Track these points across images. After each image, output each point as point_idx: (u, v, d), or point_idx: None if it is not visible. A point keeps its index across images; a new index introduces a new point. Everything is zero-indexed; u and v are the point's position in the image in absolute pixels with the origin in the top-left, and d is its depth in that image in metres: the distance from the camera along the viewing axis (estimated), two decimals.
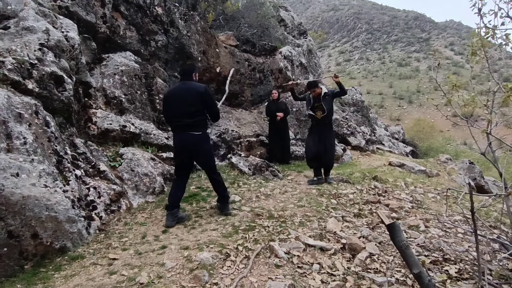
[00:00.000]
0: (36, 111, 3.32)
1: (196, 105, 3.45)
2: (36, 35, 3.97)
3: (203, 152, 3.59)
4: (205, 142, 3.60)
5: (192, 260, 2.47)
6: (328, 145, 5.22)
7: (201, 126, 3.51)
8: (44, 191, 2.70)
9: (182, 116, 3.43)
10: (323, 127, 5.24)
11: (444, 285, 2.32)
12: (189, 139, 3.47)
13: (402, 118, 57.19)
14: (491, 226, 3.57)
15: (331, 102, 5.22)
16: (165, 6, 6.61)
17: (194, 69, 3.75)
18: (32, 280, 2.29)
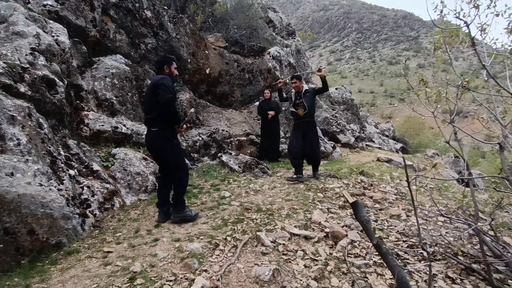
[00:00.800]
0: (29, 114, 3.42)
1: (152, 99, 3.26)
2: (27, 40, 4.07)
3: (160, 149, 3.39)
4: (163, 138, 3.35)
5: (183, 250, 2.62)
6: (313, 142, 5.23)
7: (158, 123, 3.31)
8: (39, 189, 2.81)
9: (144, 113, 3.38)
10: (306, 125, 5.22)
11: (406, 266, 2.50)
12: (148, 134, 3.43)
13: (393, 115, 57.91)
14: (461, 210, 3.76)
15: (312, 99, 5.21)
16: (154, 9, 6.73)
17: (165, 62, 3.50)
18: (29, 274, 2.40)
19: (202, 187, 4.56)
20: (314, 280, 2.32)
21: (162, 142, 3.36)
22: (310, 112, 5.17)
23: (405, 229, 3.34)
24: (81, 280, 2.25)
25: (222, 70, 7.80)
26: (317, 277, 2.35)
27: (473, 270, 2.43)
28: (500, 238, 2.67)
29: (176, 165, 3.45)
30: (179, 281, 2.18)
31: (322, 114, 10.75)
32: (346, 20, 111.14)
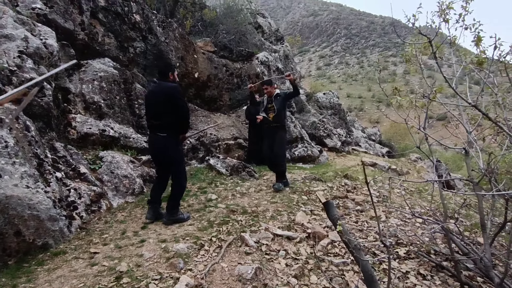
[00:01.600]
0: (16, 117, 3.44)
1: (163, 106, 3.38)
2: (15, 43, 4.09)
3: (166, 154, 3.50)
4: (170, 144, 3.46)
5: (169, 250, 2.70)
6: (277, 149, 4.93)
7: (167, 128, 3.43)
8: (26, 191, 2.85)
9: (152, 117, 3.49)
10: (274, 130, 4.99)
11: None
12: (155, 139, 3.50)
13: (381, 120, 58.98)
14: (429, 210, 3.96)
15: (282, 103, 5.02)
16: (143, 13, 6.79)
17: (168, 69, 3.64)
18: (15, 274, 2.44)
19: (189, 190, 4.63)
20: (294, 277, 2.43)
21: (170, 148, 3.46)
22: (279, 115, 4.96)
23: (383, 230, 3.50)
24: (68, 280, 2.31)
25: (210, 74, 7.90)
26: (297, 275, 2.47)
27: (443, 267, 2.59)
28: (469, 237, 2.84)
29: (179, 171, 3.59)
30: (165, 280, 2.27)
31: (310, 119, 10.95)
32: (335, 25, 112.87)
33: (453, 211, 3.36)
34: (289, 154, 8.42)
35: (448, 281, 2.46)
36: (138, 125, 5.86)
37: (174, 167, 3.57)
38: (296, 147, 8.68)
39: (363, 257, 1.66)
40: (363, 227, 3.55)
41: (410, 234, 3.45)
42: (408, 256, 2.84)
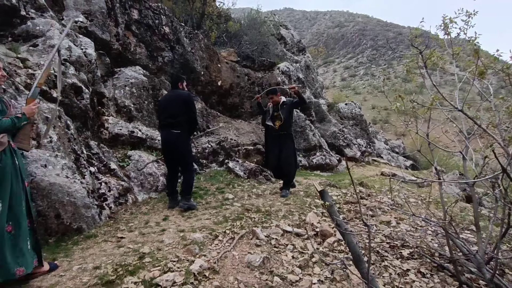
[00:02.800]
0: (59, 116, 3.91)
1: (179, 108, 4.07)
2: (60, 52, 4.61)
3: (177, 148, 4.09)
4: (182, 140, 4.10)
5: (186, 238, 2.98)
6: (287, 157, 4.96)
7: (181, 126, 4.07)
8: (66, 180, 3.25)
9: (167, 117, 4.12)
10: (283, 139, 4.99)
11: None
12: (168, 135, 4.10)
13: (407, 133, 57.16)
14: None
15: (289, 111, 5.03)
16: (172, 25, 7.31)
17: (179, 79, 4.45)
18: (55, 251, 2.81)
19: (208, 189, 4.93)
20: (298, 268, 2.63)
21: (182, 142, 4.12)
22: (286, 124, 4.96)
23: (391, 233, 3.60)
24: (99, 257, 2.64)
25: (233, 82, 8.28)
26: (302, 265, 2.66)
27: (443, 268, 2.69)
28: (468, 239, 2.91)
29: (189, 162, 4.26)
30: (181, 261, 2.54)
31: (330, 129, 11.05)
32: (361, 37, 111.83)
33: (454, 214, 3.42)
34: (307, 161, 8.58)
35: (447, 280, 2.56)
36: None
37: (184, 158, 4.16)
38: (314, 155, 8.82)
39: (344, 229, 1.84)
40: (371, 230, 3.67)
41: (418, 239, 3.53)
42: (411, 257, 2.95)
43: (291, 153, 5.05)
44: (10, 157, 2.28)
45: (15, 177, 2.28)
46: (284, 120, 4.94)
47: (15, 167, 2.30)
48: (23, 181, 2.37)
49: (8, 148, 2.28)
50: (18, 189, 2.28)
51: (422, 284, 2.47)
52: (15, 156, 2.34)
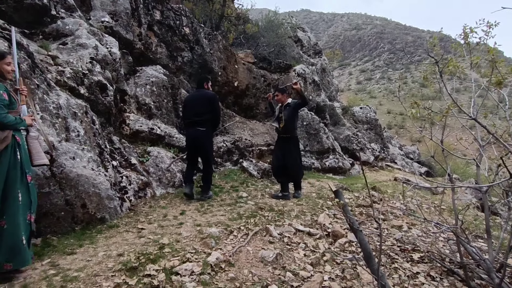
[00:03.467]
0: (86, 111, 4.13)
1: (205, 107, 4.41)
2: (88, 50, 4.85)
3: (203, 145, 4.44)
4: (207, 137, 4.48)
5: (203, 232, 3.12)
6: (290, 160, 4.87)
7: (206, 124, 4.42)
8: (91, 172, 3.45)
9: (193, 116, 4.42)
10: (286, 141, 4.93)
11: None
12: (195, 132, 4.43)
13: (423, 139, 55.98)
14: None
15: (292, 113, 4.89)
16: (192, 26, 7.51)
17: (205, 80, 4.80)
18: (81, 238, 3.00)
19: (222, 187, 5.07)
20: (310, 265, 2.72)
21: (207, 139, 4.50)
22: (288, 126, 4.86)
23: (402, 237, 3.65)
24: (121, 246, 2.81)
25: (249, 83, 8.41)
26: (314, 263, 2.76)
27: (453, 272, 2.73)
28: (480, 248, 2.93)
29: (211, 157, 4.67)
30: (199, 253, 2.67)
31: (344, 132, 11.05)
32: (379, 40, 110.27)
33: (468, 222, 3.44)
34: (320, 164, 8.62)
35: (456, 284, 2.60)
36: (181, 126, 6.46)
37: (207, 153, 4.53)
38: (327, 158, 8.86)
39: (362, 234, 1.93)
40: (383, 233, 3.72)
41: (429, 244, 3.56)
42: (421, 261, 3.00)
43: (294, 156, 4.92)
44: (10, 151, 2.34)
45: (13, 171, 2.33)
46: (285, 122, 4.82)
47: (15, 161, 2.36)
48: (25, 174, 2.42)
49: (10, 143, 2.34)
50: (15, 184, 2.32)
51: (431, 287, 2.53)
52: (18, 150, 2.40)
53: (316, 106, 9.97)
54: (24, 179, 2.41)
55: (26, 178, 2.42)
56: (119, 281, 2.19)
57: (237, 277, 2.42)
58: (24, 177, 2.41)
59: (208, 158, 4.54)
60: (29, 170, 2.47)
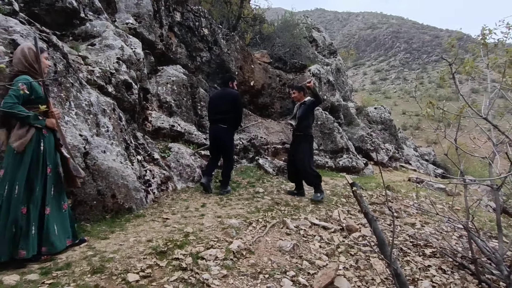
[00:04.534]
0: (113, 109, 4.39)
1: (228, 105, 4.63)
2: (114, 51, 5.13)
3: (224, 141, 4.69)
4: (228, 134, 4.70)
5: (224, 223, 3.32)
6: (298, 158, 4.78)
7: (228, 122, 4.64)
8: (120, 165, 3.70)
9: (216, 113, 4.66)
10: (298, 139, 4.88)
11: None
12: (217, 129, 4.68)
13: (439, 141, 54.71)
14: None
15: (306, 110, 4.78)
16: (210, 27, 7.73)
17: (230, 79, 5.04)
18: (111, 225, 3.24)
19: (239, 183, 5.27)
20: (325, 255, 2.88)
21: (228, 136, 4.73)
22: (301, 124, 4.79)
23: (415, 233, 3.75)
24: (149, 233, 3.03)
25: (265, 83, 8.59)
26: (329, 254, 2.91)
27: (464, 267, 2.84)
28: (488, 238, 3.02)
29: (232, 154, 4.91)
30: (221, 242, 2.87)
31: (358, 132, 11.09)
32: (395, 39, 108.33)
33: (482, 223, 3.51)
34: (334, 163, 8.72)
35: (467, 277, 2.71)
36: (199, 124, 6.70)
37: (228, 150, 4.77)
38: (341, 157, 8.94)
39: (377, 225, 2.07)
40: (396, 230, 3.83)
41: (441, 241, 3.65)
42: (433, 255, 3.10)
43: (302, 158, 4.75)
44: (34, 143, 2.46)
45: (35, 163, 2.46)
46: (298, 119, 4.79)
47: (38, 153, 2.48)
48: (46, 166, 2.52)
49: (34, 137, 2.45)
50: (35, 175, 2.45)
51: (442, 279, 2.64)
52: (43, 142, 2.52)
53: (330, 106, 10.06)
54: (44, 170, 2.52)
55: (46, 169, 2.53)
56: (150, 262, 2.41)
57: (257, 263, 2.60)
58: (44, 168, 2.53)
59: (228, 154, 4.78)
60: (50, 163, 2.59)
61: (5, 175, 2.38)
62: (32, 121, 2.47)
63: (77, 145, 3.29)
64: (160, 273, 2.28)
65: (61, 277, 2.13)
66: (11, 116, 2.39)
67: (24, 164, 2.42)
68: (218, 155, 4.88)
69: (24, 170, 2.42)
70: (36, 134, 2.50)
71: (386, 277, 2.58)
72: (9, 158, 2.39)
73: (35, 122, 2.48)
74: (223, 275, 2.34)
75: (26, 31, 3.45)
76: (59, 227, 2.60)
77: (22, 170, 2.40)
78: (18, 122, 2.43)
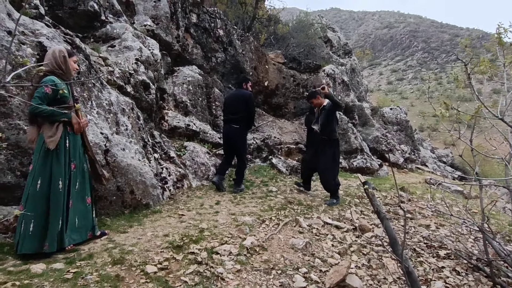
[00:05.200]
0: (132, 108, 4.54)
1: (241, 106, 4.72)
2: (133, 52, 5.29)
3: (236, 141, 4.77)
4: (240, 134, 4.77)
5: (238, 220, 3.39)
6: (322, 164, 4.69)
7: (241, 122, 4.73)
8: (138, 163, 3.83)
9: (229, 113, 4.78)
10: (322, 144, 4.73)
11: None
12: (229, 129, 4.79)
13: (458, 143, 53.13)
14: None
15: (327, 115, 4.69)
16: (225, 28, 7.84)
17: (245, 80, 5.14)
18: (130, 220, 3.37)
19: (253, 182, 5.34)
20: (338, 254, 2.91)
21: (240, 136, 4.81)
22: (324, 129, 4.68)
23: (429, 235, 3.72)
24: (166, 228, 3.14)
25: (279, 83, 8.63)
26: (341, 252, 2.94)
27: (479, 269, 2.81)
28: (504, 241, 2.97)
29: (244, 153, 4.96)
30: (235, 238, 2.95)
31: (373, 133, 10.97)
32: (412, 38, 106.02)
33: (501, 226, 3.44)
34: (347, 164, 8.67)
35: (481, 280, 2.68)
36: (214, 123, 6.81)
37: (240, 149, 4.86)
38: (355, 158, 8.89)
39: (389, 223, 2.09)
40: (409, 231, 3.81)
41: (457, 243, 3.61)
42: (447, 257, 3.08)
43: (327, 161, 4.67)
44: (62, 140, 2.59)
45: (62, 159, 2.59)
46: (321, 126, 4.69)
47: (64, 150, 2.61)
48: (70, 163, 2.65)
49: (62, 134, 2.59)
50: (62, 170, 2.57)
51: (456, 280, 2.63)
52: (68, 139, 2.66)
53: (345, 106, 9.99)
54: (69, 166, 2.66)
55: (70, 166, 2.67)
56: (167, 256, 2.51)
57: (270, 259, 2.66)
58: (69, 164, 2.66)
59: (241, 153, 4.87)
60: (73, 159, 2.72)
61: (33, 170, 2.52)
62: (58, 117, 2.60)
63: (98, 142, 3.43)
64: (176, 266, 2.38)
65: (84, 267, 2.25)
66: (37, 116, 2.55)
67: (52, 160, 2.56)
68: (232, 154, 4.98)
69: (53, 166, 2.56)
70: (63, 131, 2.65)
71: (398, 277, 2.60)
72: (39, 154, 2.54)
73: (61, 117, 2.61)
74: (236, 270, 2.42)
75: (51, 34, 3.63)
76: (81, 220, 2.74)
77: (51, 166, 2.54)
78: (47, 122, 2.57)
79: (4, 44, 3.03)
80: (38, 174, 2.49)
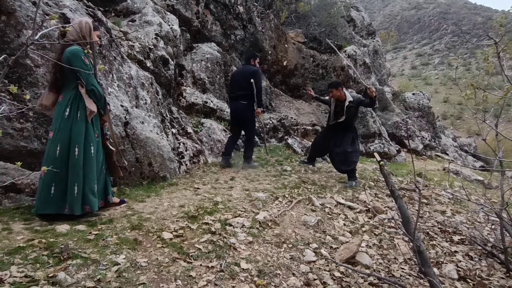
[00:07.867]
0: (151, 83, 4.60)
1: (247, 82, 4.61)
2: (153, 27, 5.30)
3: (245, 118, 4.73)
4: (249, 110, 4.71)
5: (251, 196, 3.45)
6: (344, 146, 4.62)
7: (248, 98, 4.65)
8: (156, 136, 3.92)
9: (236, 89, 4.74)
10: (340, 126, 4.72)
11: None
12: (237, 105, 4.76)
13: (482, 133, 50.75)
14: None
15: (355, 111, 4.71)
16: (246, 5, 7.68)
17: (253, 56, 5.00)
18: (148, 191, 3.49)
19: (268, 161, 5.38)
20: (349, 233, 2.94)
21: (248, 112, 4.73)
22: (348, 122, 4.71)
23: (444, 221, 3.67)
24: (181, 199, 3.24)
25: (298, 63, 8.48)
26: (352, 231, 2.96)
27: (493, 255, 2.77)
28: None
29: (252, 130, 4.91)
30: (248, 212, 3.02)
31: (392, 118, 10.70)
32: (441, 20, 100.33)
33: None
34: (364, 148, 8.56)
35: (495, 266, 2.65)
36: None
37: (249, 125, 4.82)
38: (372, 142, 8.75)
39: (402, 201, 2.08)
40: (424, 215, 3.78)
41: (472, 229, 3.56)
42: (461, 242, 3.05)
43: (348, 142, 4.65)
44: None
45: (91, 128, 2.67)
46: (346, 119, 4.64)
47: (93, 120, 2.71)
48: (94, 133, 2.73)
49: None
50: (92, 137, 2.67)
51: (468, 265, 2.62)
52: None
53: (364, 89, 9.75)
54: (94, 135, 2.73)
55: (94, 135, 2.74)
56: (183, 225, 2.60)
57: (281, 234, 2.72)
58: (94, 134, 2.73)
59: (250, 130, 4.85)
60: (96, 129, 2.77)
61: (54, 137, 2.60)
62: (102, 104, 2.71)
63: (119, 114, 3.52)
64: (191, 234, 2.47)
65: (105, 230, 2.38)
66: (100, 100, 2.66)
67: (87, 127, 2.64)
68: (239, 131, 4.96)
69: (88, 133, 2.64)
70: None
71: (409, 258, 2.60)
72: (60, 121, 2.59)
73: (102, 105, 2.71)
74: (249, 241, 2.49)
75: (74, 6, 3.67)
76: (98, 188, 2.83)
77: (86, 132, 2.62)
78: (87, 95, 2.62)
79: (30, 15, 3.10)
80: (62, 140, 2.57)
